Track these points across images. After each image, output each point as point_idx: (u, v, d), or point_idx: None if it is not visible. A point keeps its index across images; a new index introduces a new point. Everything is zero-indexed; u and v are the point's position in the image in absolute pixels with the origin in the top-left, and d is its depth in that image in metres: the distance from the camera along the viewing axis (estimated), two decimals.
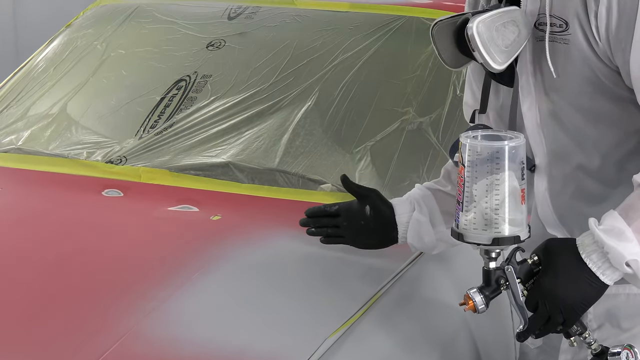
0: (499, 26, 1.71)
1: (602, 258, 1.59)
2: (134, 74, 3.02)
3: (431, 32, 1.82)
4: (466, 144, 1.63)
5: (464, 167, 1.64)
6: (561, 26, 1.71)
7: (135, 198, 2.49)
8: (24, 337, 1.82)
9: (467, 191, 1.64)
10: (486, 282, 1.67)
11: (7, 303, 1.95)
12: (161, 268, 2.07)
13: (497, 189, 1.61)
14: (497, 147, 1.61)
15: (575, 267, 1.61)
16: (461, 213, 1.65)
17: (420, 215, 2.00)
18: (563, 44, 1.71)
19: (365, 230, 2.02)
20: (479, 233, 1.64)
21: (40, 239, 2.26)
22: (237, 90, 2.77)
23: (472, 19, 1.71)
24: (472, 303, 1.66)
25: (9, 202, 2.52)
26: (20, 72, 3.20)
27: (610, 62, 1.69)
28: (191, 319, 1.87)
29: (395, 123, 2.59)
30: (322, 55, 2.81)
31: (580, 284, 1.61)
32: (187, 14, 3.13)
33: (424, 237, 1.99)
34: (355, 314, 1.91)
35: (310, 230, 2.07)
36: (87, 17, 3.31)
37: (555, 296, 1.62)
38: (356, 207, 2.03)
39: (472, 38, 1.70)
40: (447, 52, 1.82)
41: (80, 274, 2.07)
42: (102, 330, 1.82)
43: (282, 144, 2.60)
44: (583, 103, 1.75)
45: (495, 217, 1.62)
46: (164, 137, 2.69)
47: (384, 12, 2.91)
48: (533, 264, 1.66)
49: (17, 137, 2.86)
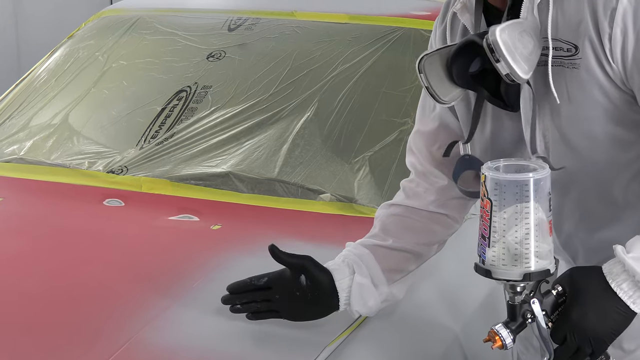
0: (518, 35, 1.62)
1: (633, 287, 1.55)
2: (135, 84, 3.02)
3: (418, 66, 1.73)
4: (488, 176, 1.56)
5: (489, 201, 1.56)
6: (569, 50, 1.65)
7: (136, 207, 2.49)
8: (27, 346, 1.82)
9: (493, 225, 1.56)
10: (511, 317, 1.60)
11: (9, 311, 1.94)
12: (161, 277, 2.07)
13: (524, 221, 1.54)
14: (523, 179, 1.54)
15: (604, 297, 1.56)
16: (488, 248, 1.57)
17: (362, 277, 1.85)
18: (572, 69, 1.65)
19: (302, 301, 1.85)
20: (508, 269, 1.56)
21: (42, 248, 2.26)
22: (237, 101, 2.77)
23: (492, 29, 1.61)
24: (499, 339, 1.58)
25: (11, 211, 2.52)
26: (22, 82, 3.20)
27: (624, 85, 1.63)
28: (191, 328, 1.86)
29: (393, 133, 2.59)
30: (321, 66, 2.81)
31: (610, 313, 1.56)
32: (188, 26, 3.13)
33: (368, 300, 1.86)
34: (354, 322, 1.90)
35: (234, 307, 1.87)
36: (89, 29, 3.32)
37: (585, 327, 1.57)
38: (289, 277, 1.85)
39: (497, 46, 1.59)
40: (439, 85, 1.73)
41: (82, 282, 2.07)
42: (103, 339, 1.82)
43: (281, 154, 2.60)
44: (593, 129, 1.69)
45: (525, 252, 1.55)
46: (164, 147, 2.69)
47: (383, 23, 2.91)
48: (558, 294, 1.60)
49: (19, 147, 2.86)
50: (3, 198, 2.57)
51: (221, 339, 1.84)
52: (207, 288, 2.01)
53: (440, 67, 1.72)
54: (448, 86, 1.73)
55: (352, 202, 2.43)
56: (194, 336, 1.84)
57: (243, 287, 1.88)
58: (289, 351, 1.81)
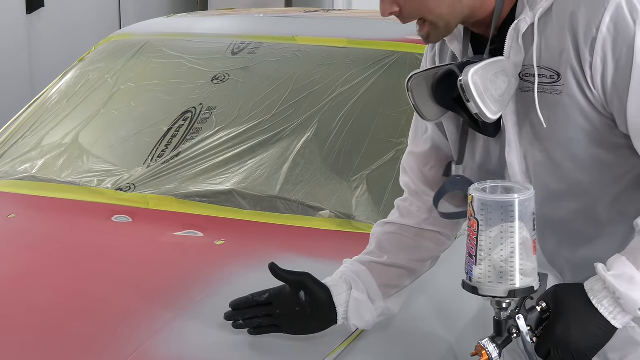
0: (492, 77, 1.65)
1: (613, 304, 1.56)
2: (142, 106, 3.02)
3: (407, 85, 1.76)
4: (475, 197, 1.57)
5: (476, 221, 1.58)
6: (552, 77, 1.66)
7: (143, 223, 2.49)
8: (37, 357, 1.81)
9: (480, 244, 1.57)
10: (497, 332, 1.62)
11: (20, 323, 1.94)
12: (167, 290, 2.07)
13: (509, 240, 1.56)
14: (507, 201, 1.56)
15: (586, 313, 1.57)
16: (474, 266, 1.59)
17: (358, 293, 1.87)
18: (554, 95, 1.66)
19: (302, 316, 1.85)
20: (494, 286, 1.57)
21: (52, 263, 2.26)
22: (241, 122, 2.77)
23: (465, 70, 1.64)
24: (486, 353, 1.60)
25: (23, 227, 2.51)
26: (35, 103, 3.20)
27: (605, 110, 1.65)
28: (195, 339, 1.86)
29: (390, 153, 2.58)
30: (321, 89, 2.81)
31: (592, 329, 1.58)
32: (193, 49, 3.14)
33: (365, 315, 1.87)
34: (352, 334, 1.90)
35: (237, 323, 1.87)
36: (99, 52, 3.32)
37: (568, 342, 1.58)
38: (289, 293, 1.86)
39: (468, 89, 1.63)
40: (425, 104, 1.77)
41: (91, 295, 2.07)
42: (111, 349, 1.81)
43: (282, 172, 2.60)
44: (575, 151, 1.70)
45: (510, 270, 1.56)
46: (170, 166, 2.69)
47: (380, 47, 2.92)
48: (542, 310, 1.61)
49: (31, 165, 2.87)
50: (15, 214, 2.57)
51: (224, 350, 1.84)
52: (211, 301, 2.00)
53: (426, 88, 1.76)
54: (432, 106, 1.76)
55: (350, 219, 2.43)
56: (198, 347, 1.83)
57: (245, 303, 1.87)
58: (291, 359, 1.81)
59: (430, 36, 1.73)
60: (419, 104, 1.77)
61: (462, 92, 1.64)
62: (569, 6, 1.63)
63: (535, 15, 1.66)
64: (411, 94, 1.76)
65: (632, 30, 1.58)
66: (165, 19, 3.65)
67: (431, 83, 1.75)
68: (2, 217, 2.56)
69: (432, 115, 1.78)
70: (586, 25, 1.60)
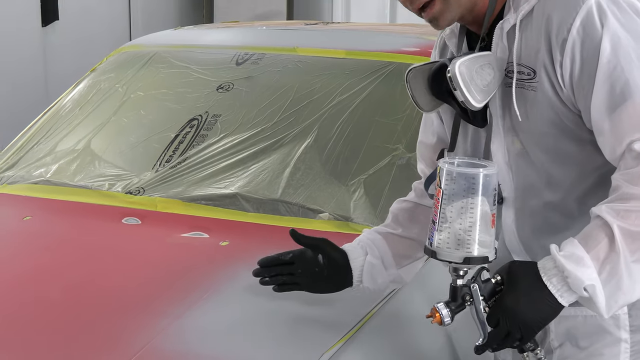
0: (478, 68, 1.69)
1: (561, 282, 1.58)
2: (151, 113, 3.02)
3: (406, 77, 1.82)
4: (444, 169, 1.62)
5: (440, 190, 1.63)
6: (529, 74, 1.70)
7: (151, 225, 2.49)
8: (50, 351, 1.82)
9: (442, 212, 1.62)
10: (452, 298, 1.66)
11: (35, 319, 1.94)
12: (174, 289, 2.07)
13: (470, 212, 1.60)
14: (472, 173, 1.61)
15: (536, 289, 1.60)
16: (435, 232, 1.64)
17: (373, 258, 1.94)
18: (531, 91, 1.71)
19: (320, 276, 1.94)
20: (451, 252, 1.62)
21: (65, 262, 2.26)
22: (244, 129, 2.77)
23: (453, 61, 1.69)
24: (439, 316, 1.64)
25: (38, 228, 2.51)
26: (49, 111, 3.20)
27: (574, 106, 1.68)
28: (202, 335, 1.86)
29: (386, 158, 2.59)
30: (321, 97, 2.81)
31: (540, 304, 1.60)
32: (200, 60, 3.14)
33: (378, 278, 1.95)
34: (350, 330, 1.90)
35: (263, 279, 1.95)
36: (110, 63, 3.32)
37: (516, 314, 1.61)
38: (310, 255, 1.94)
39: (455, 78, 1.67)
40: (421, 96, 1.82)
41: (102, 293, 2.07)
42: (121, 344, 1.82)
43: (284, 177, 2.60)
44: (548, 144, 1.74)
45: (467, 238, 1.61)
46: (178, 171, 2.69)
47: (377, 58, 2.92)
48: (496, 283, 1.64)
49: (46, 170, 2.87)
50: (31, 217, 2.57)
51: (228, 344, 1.84)
52: (216, 299, 2.01)
53: (422, 81, 1.81)
54: (428, 97, 1.81)
55: (348, 221, 2.43)
56: (204, 343, 1.83)
57: (271, 261, 1.96)
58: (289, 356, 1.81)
59: (440, 16, 1.74)
60: (416, 95, 1.82)
61: (450, 82, 1.69)
62: (546, 9, 1.67)
63: (517, 17, 1.71)
64: (409, 85, 1.82)
65: (599, 34, 1.61)
66: (172, 31, 3.66)
67: (427, 76, 1.80)
68: (18, 219, 2.56)
69: (427, 106, 1.83)
70: (559, 27, 1.64)
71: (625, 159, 1.60)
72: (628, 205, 1.56)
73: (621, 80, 1.60)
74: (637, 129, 1.58)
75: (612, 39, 1.61)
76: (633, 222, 1.55)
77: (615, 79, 1.60)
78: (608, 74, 1.61)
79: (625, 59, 1.60)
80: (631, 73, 1.60)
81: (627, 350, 1.80)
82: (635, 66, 1.60)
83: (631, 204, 1.56)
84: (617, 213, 1.57)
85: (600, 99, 1.62)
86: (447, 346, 2.05)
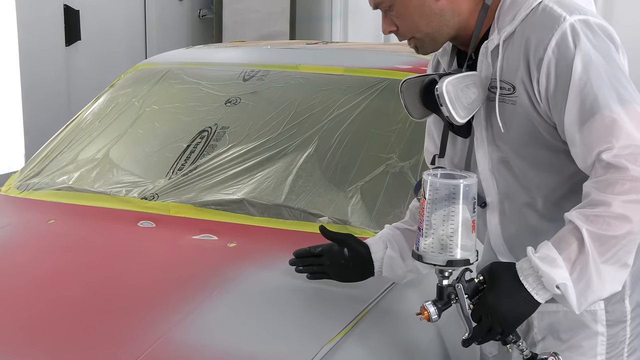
0: (463, 87, 1.72)
1: (536, 281, 1.60)
2: (164, 125, 3.02)
3: (400, 88, 1.85)
4: (427, 180, 1.64)
5: (425, 200, 1.64)
6: (509, 90, 1.72)
7: (165, 228, 2.49)
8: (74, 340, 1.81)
9: (427, 220, 1.64)
10: (439, 297, 1.68)
11: (58, 314, 1.94)
12: (186, 286, 2.06)
13: (452, 219, 1.62)
14: (453, 184, 1.62)
15: (514, 288, 1.62)
16: (421, 238, 1.65)
17: (392, 251, 1.99)
18: (511, 104, 1.73)
19: (345, 268, 2.01)
20: (436, 255, 1.64)
21: (86, 261, 2.26)
22: (250, 139, 2.77)
23: (441, 80, 1.72)
24: (427, 313, 1.66)
25: (61, 231, 2.51)
26: (71, 124, 3.20)
27: (549, 119, 1.70)
28: (211, 329, 1.86)
29: (381, 167, 2.59)
30: (321, 111, 2.81)
31: (518, 301, 1.62)
32: (209, 76, 3.14)
33: (397, 270, 1.99)
34: (348, 324, 1.90)
35: (298, 268, 2.06)
36: (127, 79, 3.33)
37: (497, 311, 1.63)
38: (336, 249, 2.02)
39: (442, 95, 1.71)
40: (413, 105, 1.85)
41: (119, 290, 2.07)
42: (137, 338, 1.81)
43: (287, 183, 2.60)
44: (527, 152, 1.76)
45: (450, 243, 1.62)
46: (189, 178, 2.69)
47: (372, 75, 2.92)
48: (479, 282, 1.66)
49: (68, 177, 2.87)
50: (54, 220, 2.57)
51: (236, 337, 1.84)
52: (225, 296, 2.00)
53: (415, 92, 1.84)
54: (419, 107, 1.84)
55: (346, 224, 2.43)
56: (213, 336, 1.83)
57: (303, 253, 2.06)
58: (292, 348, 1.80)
59: (419, 49, 1.83)
60: (408, 105, 1.85)
61: (437, 98, 1.72)
62: (526, 32, 1.70)
63: (500, 38, 1.73)
64: (402, 95, 1.85)
65: (572, 54, 1.63)
66: (184, 50, 3.66)
67: (419, 89, 1.82)
68: (43, 222, 2.56)
69: (418, 114, 1.86)
70: (536, 47, 1.67)
71: (595, 168, 1.61)
72: (597, 210, 1.57)
73: (591, 96, 1.61)
74: (604, 140, 1.59)
75: (584, 59, 1.63)
76: (601, 226, 1.57)
77: (585, 95, 1.62)
78: (579, 90, 1.62)
79: (595, 77, 1.62)
80: (600, 90, 1.61)
81: (604, 343, 1.82)
82: (604, 84, 1.62)
83: (599, 210, 1.57)
84: (586, 218, 1.58)
85: (572, 113, 1.63)
86: (437, 339, 2.05)
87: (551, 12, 1.68)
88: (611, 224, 1.56)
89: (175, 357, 1.75)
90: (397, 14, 1.78)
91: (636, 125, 1.58)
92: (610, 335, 1.82)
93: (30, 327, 1.88)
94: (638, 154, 1.57)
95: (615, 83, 1.62)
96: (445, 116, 1.74)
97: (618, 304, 1.81)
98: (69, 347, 1.80)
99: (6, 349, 1.79)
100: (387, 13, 1.80)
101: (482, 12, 1.78)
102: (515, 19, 1.71)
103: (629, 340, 1.84)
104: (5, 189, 2.90)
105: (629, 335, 1.83)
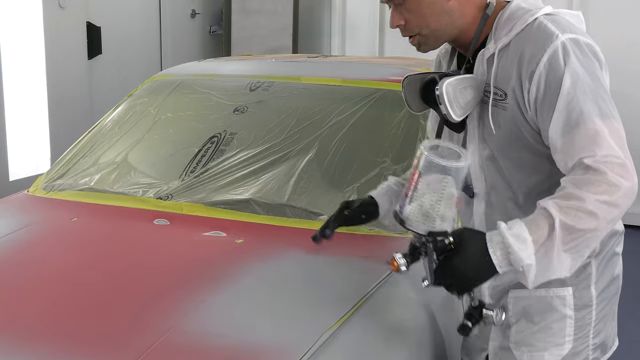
0: (461, 88, 1.73)
1: (504, 255, 1.58)
2: (178, 132, 3.02)
3: (402, 83, 1.86)
4: (423, 155, 1.63)
5: (418, 173, 1.63)
6: (501, 96, 1.73)
7: (178, 226, 2.48)
8: (93, 328, 1.81)
9: (417, 190, 1.62)
10: (410, 252, 1.67)
11: (79, 304, 1.94)
12: (198, 278, 2.06)
13: (440, 191, 1.61)
14: (446, 165, 1.61)
15: (480, 255, 1.59)
16: (407, 204, 1.64)
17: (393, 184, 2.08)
18: (501, 109, 1.74)
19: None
20: (418, 224, 1.63)
21: (106, 256, 2.25)
22: (256, 145, 2.77)
23: (442, 81, 1.73)
24: (396, 264, 1.66)
25: (83, 228, 2.51)
26: (93, 130, 3.20)
27: (535, 125, 1.71)
28: (220, 318, 1.85)
29: (375, 169, 2.58)
30: (321, 118, 2.81)
31: (479, 268, 1.60)
32: (219, 87, 3.14)
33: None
34: (346, 313, 1.89)
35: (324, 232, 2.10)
36: (144, 89, 3.32)
37: (459, 272, 1.60)
38: None
39: (442, 95, 1.72)
40: (413, 100, 1.86)
41: (135, 282, 2.06)
42: (150, 326, 1.81)
43: (290, 185, 2.59)
44: (512, 153, 1.77)
45: (433, 214, 1.62)
46: (200, 180, 2.68)
47: (368, 86, 2.92)
48: (448, 243, 1.63)
49: (90, 179, 2.86)
50: (77, 218, 2.56)
51: (242, 325, 1.83)
52: (233, 288, 2.00)
53: (415, 88, 1.85)
54: (418, 102, 1.86)
55: None
56: (223, 324, 1.82)
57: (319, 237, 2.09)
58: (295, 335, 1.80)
59: (421, 46, 1.82)
60: (409, 98, 1.86)
61: (437, 98, 1.73)
62: (520, 45, 1.70)
63: (496, 47, 1.74)
64: (404, 90, 1.86)
65: (562, 69, 1.64)
66: (196, 62, 3.66)
67: (419, 85, 1.83)
68: (67, 220, 2.55)
69: (417, 108, 1.88)
70: (529, 60, 1.67)
71: (575, 170, 1.62)
72: (570, 203, 1.58)
73: (577, 109, 1.62)
74: (588, 149, 1.60)
75: (572, 75, 1.63)
76: (572, 218, 1.57)
77: (572, 108, 1.63)
78: (567, 102, 1.63)
79: (581, 93, 1.63)
80: (585, 104, 1.62)
81: (572, 325, 1.83)
82: (588, 99, 1.62)
83: (573, 203, 1.58)
84: (560, 208, 1.58)
85: (558, 123, 1.64)
86: (430, 323, 2.04)
87: (545, 29, 1.68)
88: (581, 218, 1.57)
89: (187, 344, 1.74)
90: (408, 7, 1.76)
91: (615, 139, 1.60)
92: (577, 318, 1.83)
93: (56, 313, 1.88)
94: (616, 163, 1.58)
95: (598, 99, 1.63)
96: (442, 113, 1.76)
97: (585, 290, 1.83)
98: (89, 331, 1.80)
99: (34, 332, 1.79)
100: (397, 7, 1.78)
101: (482, 20, 1.79)
102: (512, 32, 1.72)
103: (594, 323, 1.85)
104: (33, 189, 2.90)
105: (594, 319, 1.85)
